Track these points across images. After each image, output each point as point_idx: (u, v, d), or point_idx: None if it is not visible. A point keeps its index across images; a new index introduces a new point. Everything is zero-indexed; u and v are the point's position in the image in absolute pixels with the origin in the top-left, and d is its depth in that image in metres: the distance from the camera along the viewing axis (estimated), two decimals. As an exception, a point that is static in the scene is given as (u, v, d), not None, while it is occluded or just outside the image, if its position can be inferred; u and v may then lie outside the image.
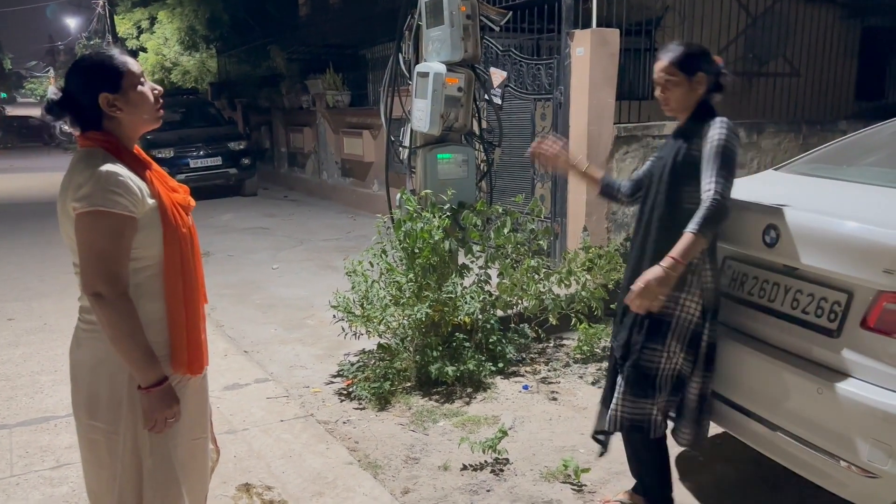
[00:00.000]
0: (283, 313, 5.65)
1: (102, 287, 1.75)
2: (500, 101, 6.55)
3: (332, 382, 4.23)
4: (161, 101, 1.95)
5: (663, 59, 2.50)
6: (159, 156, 11.74)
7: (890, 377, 2.05)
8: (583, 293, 4.60)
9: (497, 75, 6.67)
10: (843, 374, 2.18)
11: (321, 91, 12.09)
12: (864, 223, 2.17)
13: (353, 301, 4.14)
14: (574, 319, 4.54)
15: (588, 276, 4.74)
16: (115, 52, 1.88)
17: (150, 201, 1.83)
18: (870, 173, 2.87)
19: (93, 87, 1.82)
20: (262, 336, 5.07)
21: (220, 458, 2.31)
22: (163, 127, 9.48)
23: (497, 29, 4.74)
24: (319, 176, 12.94)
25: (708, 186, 2.28)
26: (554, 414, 3.78)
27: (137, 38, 18.64)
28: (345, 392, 4.07)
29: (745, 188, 2.61)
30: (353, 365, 4.28)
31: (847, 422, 2.11)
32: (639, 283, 2.30)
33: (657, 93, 2.53)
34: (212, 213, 10.65)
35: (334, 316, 4.19)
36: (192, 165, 11.84)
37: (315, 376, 4.35)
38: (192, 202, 2.02)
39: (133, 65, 1.87)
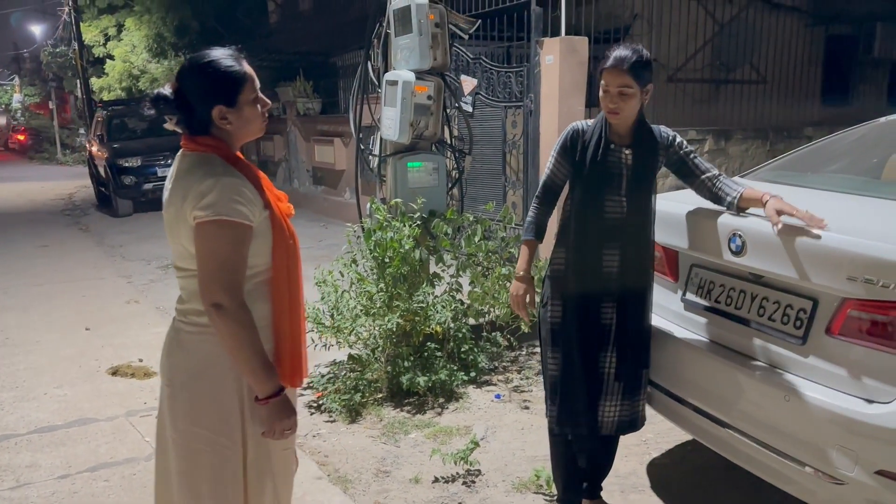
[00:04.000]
0: (252, 324, 5.57)
1: (224, 297, 1.73)
2: (470, 109, 6.55)
3: (302, 395, 4.16)
4: (267, 115, 1.93)
5: (619, 71, 2.40)
6: (126, 164, 11.59)
7: (854, 383, 2.07)
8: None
9: (467, 83, 6.67)
10: (809, 381, 2.19)
11: (291, 98, 12.02)
12: (828, 231, 2.19)
13: (323, 311, 4.09)
14: (546, 327, 4.52)
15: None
16: (238, 61, 1.82)
17: (264, 210, 1.82)
18: (833, 180, 2.90)
19: (209, 97, 1.79)
20: (231, 348, 4.98)
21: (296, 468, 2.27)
22: (129, 136, 9.44)
23: (466, 37, 4.74)
24: (290, 184, 12.85)
25: (712, 168, 2.58)
26: (526, 423, 3.76)
27: (104, 45, 18.39)
28: (315, 404, 4.02)
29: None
30: (323, 377, 4.22)
31: (814, 429, 2.12)
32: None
33: (607, 102, 2.44)
34: (181, 223, 10.50)
35: (304, 327, 4.13)
36: (159, 174, 11.67)
37: (284, 389, 4.28)
38: (293, 210, 2.00)
39: (252, 77, 1.84)
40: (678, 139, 2.58)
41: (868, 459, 1.96)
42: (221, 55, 1.80)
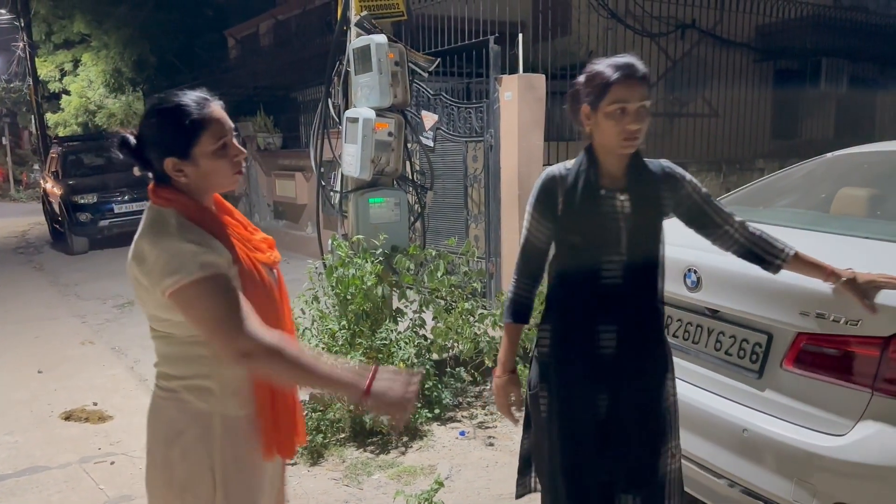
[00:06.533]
0: (212, 364, 5.47)
1: (244, 343, 1.56)
2: (431, 144, 6.61)
3: (263, 436, 4.08)
4: (242, 166, 1.72)
5: (637, 81, 1.87)
6: (82, 201, 11.39)
7: (810, 416, 2.11)
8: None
9: (428, 118, 6.73)
10: (766, 415, 2.22)
11: (252, 133, 11.97)
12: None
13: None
14: (509, 361, 4.52)
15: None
16: (199, 107, 1.63)
17: (232, 266, 1.66)
18: (784, 215, 2.98)
19: (160, 149, 1.63)
20: (190, 389, 4.87)
21: None
22: (85, 172, 9.32)
23: (426, 75, 4.80)
24: (251, 219, 12.71)
25: (734, 216, 2.05)
26: (491, 460, 3.73)
27: (60, 80, 18.18)
28: (276, 446, 3.93)
29: (667, 232, 2.66)
30: (284, 417, 4.15)
31: (771, 462, 2.15)
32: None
33: (627, 124, 1.86)
34: (139, 260, 10.32)
35: (264, 367, 4.07)
36: (116, 211, 11.49)
37: (245, 430, 4.19)
38: (278, 257, 1.85)
39: (215, 124, 1.64)
40: (688, 178, 2.03)
41: (825, 492, 2.00)
42: (179, 101, 1.63)
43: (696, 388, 2.48)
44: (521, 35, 6.00)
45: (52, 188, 12.59)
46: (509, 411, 2.15)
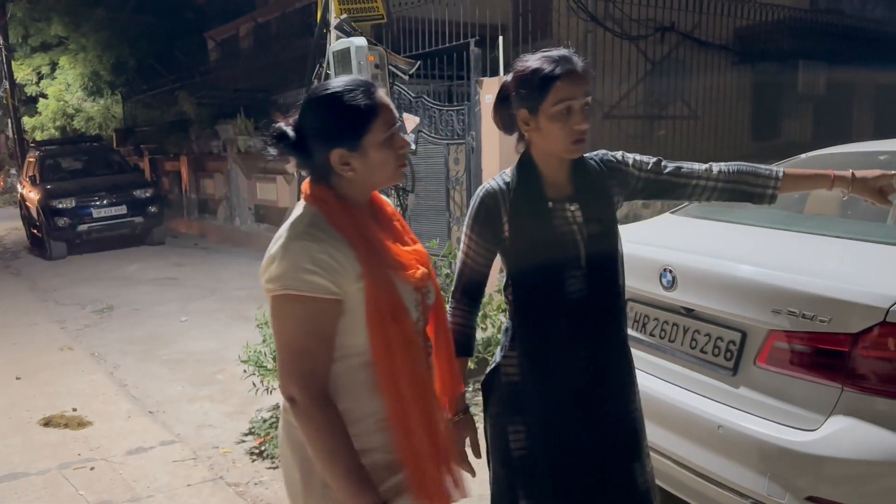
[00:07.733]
0: (191, 369, 5.44)
1: (295, 390, 1.44)
2: (413, 147, 6.62)
3: (244, 441, 4.07)
4: (406, 159, 1.59)
5: (585, 77, 1.72)
6: (60, 206, 11.29)
7: (782, 412, 2.14)
8: (499, 336, 4.62)
9: (410, 121, 6.74)
10: (740, 411, 2.25)
11: (232, 136, 11.93)
12: (753, 265, 2.28)
13: (265, 354, 4.03)
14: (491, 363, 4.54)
15: (504, 319, 4.77)
16: (367, 93, 1.48)
17: (357, 281, 1.48)
18: (758, 215, 3.01)
19: (328, 138, 1.49)
20: (169, 394, 4.85)
21: None
22: (63, 176, 9.27)
23: (406, 78, 4.81)
24: (232, 222, 12.68)
25: (697, 167, 1.92)
26: (472, 461, 3.73)
27: (37, 84, 18.00)
28: (257, 451, 3.92)
29: (643, 232, 2.70)
30: (265, 421, 4.14)
31: (746, 457, 2.17)
32: None
33: (575, 123, 1.72)
34: (117, 265, 10.24)
35: (245, 370, 4.06)
36: (94, 215, 11.41)
37: (225, 435, 4.18)
38: (426, 274, 1.60)
39: (385, 112, 1.50)
40: (630, 159, 1.90)
41: (798, 486, 2.02)
42: (347, 85, 1.50)
43: (672, 385, 2.51)
44: (501, 38, 6.03)
45: (30, 193, 12.47)
46: (464, 459, 1.94)
